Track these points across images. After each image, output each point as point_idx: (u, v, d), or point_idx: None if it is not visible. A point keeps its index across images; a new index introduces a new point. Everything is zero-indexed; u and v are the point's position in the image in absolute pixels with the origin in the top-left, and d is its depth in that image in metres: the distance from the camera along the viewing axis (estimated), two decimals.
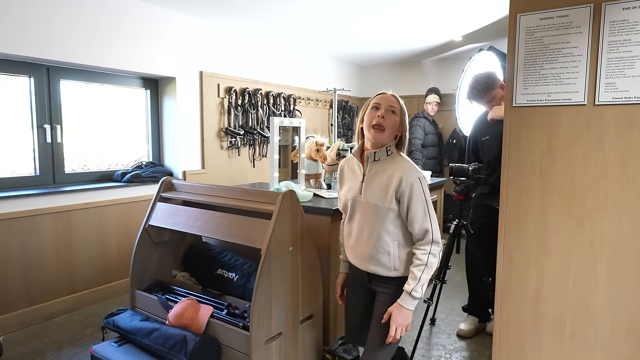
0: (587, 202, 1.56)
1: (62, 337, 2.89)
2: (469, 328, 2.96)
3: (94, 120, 3.67)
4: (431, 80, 6.22)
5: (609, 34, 1.47)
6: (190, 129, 4.09)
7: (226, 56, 4.41)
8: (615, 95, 1.48)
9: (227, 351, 2.10)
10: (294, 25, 4.36)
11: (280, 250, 2.11)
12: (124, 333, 2.27)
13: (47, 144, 3.27)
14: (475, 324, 3.00)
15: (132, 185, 3.64)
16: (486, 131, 2.81)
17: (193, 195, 2.56)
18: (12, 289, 2.98)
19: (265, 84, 4.84)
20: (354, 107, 6.52)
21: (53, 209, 3.15)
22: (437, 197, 3.95)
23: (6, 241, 2.92)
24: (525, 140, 1.65)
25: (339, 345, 2.38)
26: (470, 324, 2.98)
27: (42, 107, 3.22)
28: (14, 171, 3.18)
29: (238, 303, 2.42)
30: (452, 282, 3.93)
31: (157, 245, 2.67)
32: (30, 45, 2.93)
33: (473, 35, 4.76)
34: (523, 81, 1.64)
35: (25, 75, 3.13)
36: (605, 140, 1.51)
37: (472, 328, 2.97)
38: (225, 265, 2.62)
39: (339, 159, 3.21)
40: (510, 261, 1.72)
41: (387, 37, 4.86)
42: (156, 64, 3.74)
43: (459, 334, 2.96)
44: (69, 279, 3.29)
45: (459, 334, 2.96)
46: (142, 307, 2.54)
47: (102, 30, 3.33)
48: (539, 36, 1.60)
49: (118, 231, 3.59)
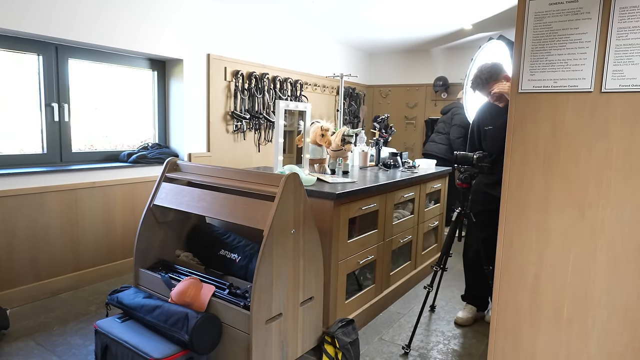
0: (589, 189, 1.55)
1: (67, 313, 2.95)
2: (466, 316, 2.98)
3: (101, 100, 3.69)
4: (439, 69, 6.17)
5: (618, 20, 1.45)
6: (196, 112, 4.10)
7: (234, 39, 4.40)
8: (622, 82, 1.46)
9: (228, 330, 2.13)
10: (303, 10, 4.32)
11: (283, 232, 2.13)
12: (127, 309, 2.31)
13: (55, 123, 3.29)
14: (473, 312, 3.02)
15: (138, 166, 3.67)
16: (489, 121, 2.81)
17: (197, 176, 2.58)
18: (19, 264, 3.03)
19: (272, 69, 4.83)
20: (360, 95, 6.49)
21: (60, 187, 3.18)
22: (441, 185, 3.95)
23: (14, 217, 2.97)
24: (530, 126, 1.64)
25: (338, 328, 2.41)
26: (468, 313, 3.00)
27: (50, 85, 3.24)
28: (22, 149, 3.21)
29: (240, 283, 2.45)
30: (453, 270, 3.95)
31: (162, 225, 2.70)
32: (38, 22, 2.94)
33: (483, 24, 4.70)
34: (530, 67, 1.62)
35: (34, 53, 3.14)
36: (611, 128, 1.50)
37: (470, 317, 2.99)
38: (228, 246, 2.65)
39: (344, 145, 3.22)
40: (510, 247, 1.73)
41: (396, 24, 4.82)
42: (164, 45, 3.74)
43: (456, 322, 2.98)
44: (74, 257, 3.34)
45: (457, 322, 2.98)
46: (145, 285, 2.59)
47: (110, 9, 3.32)
48: (548, 21, 1.58)
49: (123, 211, 3.63)
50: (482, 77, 2.72)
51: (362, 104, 6.57)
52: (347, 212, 2.61)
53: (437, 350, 2.63)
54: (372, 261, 2.96)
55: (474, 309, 3.03)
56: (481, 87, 2.77)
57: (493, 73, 2.70)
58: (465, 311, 3.02)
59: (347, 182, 2.81)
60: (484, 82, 2.73)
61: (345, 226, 2.62)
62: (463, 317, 2.98)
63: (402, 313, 3.11)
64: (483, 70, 2.73)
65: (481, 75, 2.73)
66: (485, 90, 2.76)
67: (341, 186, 2.65)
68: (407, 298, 3.37)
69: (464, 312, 3.01)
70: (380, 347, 2.64)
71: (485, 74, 2.71)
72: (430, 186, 3.70)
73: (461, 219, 2.74)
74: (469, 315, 2.99)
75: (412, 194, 3.38)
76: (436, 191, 3.88)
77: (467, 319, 2.98)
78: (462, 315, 3.00)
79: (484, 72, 2.72)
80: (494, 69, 2.71)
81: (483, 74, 2.72)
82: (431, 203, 3.92)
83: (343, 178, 2.99)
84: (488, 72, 2.71)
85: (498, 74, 2.70)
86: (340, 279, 2.63)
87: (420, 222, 3.62)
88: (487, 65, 2.74)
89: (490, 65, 2.74)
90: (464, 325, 2.96)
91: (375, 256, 2.98)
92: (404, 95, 6.50)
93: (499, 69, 2.72)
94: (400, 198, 3.21)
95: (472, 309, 3.03)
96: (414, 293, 3.47)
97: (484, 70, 2.73)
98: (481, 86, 2.76)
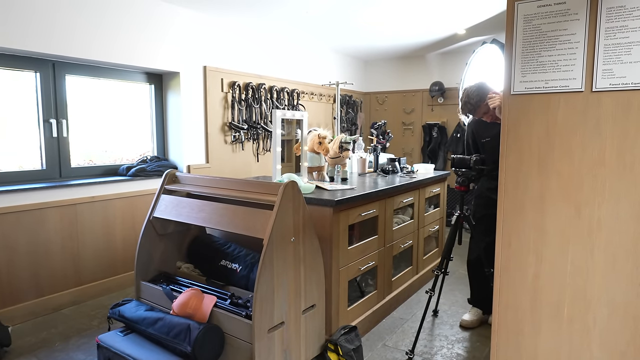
0: (584, 188, 1.56)
1: (70, 328, 2.94)
2: (472, 319, 2.98)
3: (99, 115, 3.72)
4: (435, 74, 6.21)
5: (606, 20, 1.47)
6: (194, 124, 4.12)
7: (230, 51, 4.44)
8: (612, 81, 1.48)
9: (230, 340, 2.13)
10: (297, 19, 4.37)
11: (283, 240, 2.13)
12: (129, 323, 2.31)
13: (53, 139, 3.31)
14: (478, 315, 3.01)
15: (137, 179, 3.68)
16: (484, 133, 2.84)
17: (196, 187, 2.59)
18: (20, 280, 3.03)
19: (269, 79, 4.86)
20: (357, 102, 6.53)
21: (59, 202, 3.20)
22: (440, 190, 3.96)
23: (14, 234, 2.98)
24: (524, 127, 1.66)
25: (341, 335, 2.41)
26: (473, 315, 3.00)
27: (48, 101, 3.26)
28: (21, 166, 3.23)
29: (241, 293, 2.45)
30: (455, 274, 3.94)
31: (162, 237, 2.71)
32: (35, 40, 2.97)
33: (476, 28, 4.75)
34: (521, 69, 1.64)
35: (31, 71, 3.17)
36: (603, 127, 1.51)
37: (475, 319, 2.99)
38: (229, 256, 2.65)
39: (342, 152, 3.23)
40: (509, 248, 1.73)
41: (390, 31, 4.86)
42: (160, 58, 3.77)
43: (461, 325, 2.98)
44: (75, 272, 3.34)
45: (462, 325, 2.98)
46: (147, 297, 2.58)
47: (106, 25, 3.36)
48: (537, 24, 1.60)
49: (123, 224, 3.64)
50: (472, 102, 2.75)
51: (360, 111, 6.60)
52: (347, 218, 2.62)
53: (441, 354, 2.62)
54: (373, 267, 2.96)
55: (480, 311, 3.03)
56: (474, 111, 2.80)
57: (481, 94, 2.72)
58: (471, 314, 3.01)
59: (346, 189, 2.82)
60: (475, 105, 2.75)
61: (345, 233, 2.62)
62: (468, 319, 2.98)
63: (405, 318, 3.10)
64: (470, 94, 2.75)
65: (470, 100, 2.76)
66: (479, 112, 2.79)
67: (340, 193, 2.66)
68: (409, 303, 3.37)
69: (469, 315, 3.01)
70: (384, 353, 2.63)
71: (474, 97, 2.74)
72: (429, 190, 3.71)
73: (460, 221, 2.74)
74: (474, 317, 2.99)
75: (412, 198, 3.39)
76: (435, 195, 3.89)
77: (472, 321, 2.97)
78: (467, 317, 3.00)
79: (472, 96, 2.74)
80: (481, 90, 2.73)
81: (471, 98, 2.75)
82: (431, 207, 3.93)
83: (342, 185, 3.00)
84: (476, 95, 2.73)
85: (486, 93, 2.72)
86: (342, 286, 2.63)
87: (421, 227, 3.62)
88: (473, 89, 2.76)
89: (475, 87, 2.76)
90: (468, 328, 2.95)
91: (376, 262, 2.98)
92: (400, 101, 6.53)
93: (485, 88, 2.74)
94: (399, 203, 3.22)
95: (477, 311, 3.02)
96: (417, 298, 3.46)
97: (472, 94, 2.75)
98: (473, 110, 2.79)
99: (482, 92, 2.72)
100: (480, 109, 2.75)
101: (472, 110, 2.79)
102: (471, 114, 2.85)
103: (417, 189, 3.47)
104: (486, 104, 2.71)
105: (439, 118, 6.19)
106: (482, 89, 2.73)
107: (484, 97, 2.71)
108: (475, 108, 2.76)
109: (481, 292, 3.00)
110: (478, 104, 2.74)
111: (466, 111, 2.84)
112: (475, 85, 2.78)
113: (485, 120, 2.82)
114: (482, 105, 2.73)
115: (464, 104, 2.81)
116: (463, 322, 2.99)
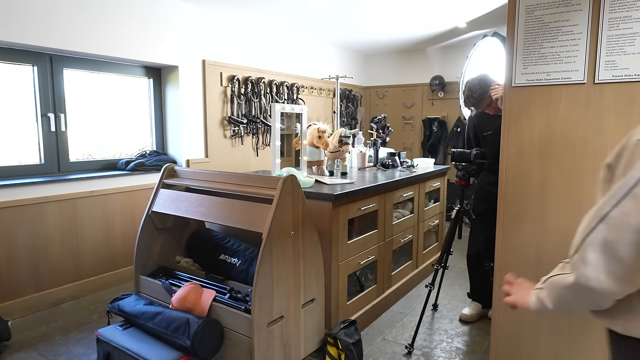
0: (585, 181, 1.55)
1: (69, 322, 2.94)
2: (471, 313, 2.97)
3: (97, 109, 3.69)
4: (435, 68, 6.18)
5: (609, 11, 1.45)
6: (193, 118, 4.10)
7: (229, 45, 4.41)
8: (615, 73, 1.46)
9: (230, 334, 2.13)
10: (297, 13, 4.34)
11: (282, 234, 2.12)
12: (128, 317, 2.31)
13: (52, 133, 3.29)
14: (478, 309, 3.01)
15: (136, 173, 3.67)
16: (486, 126, 2.82)
17: (195, 181, 2.58)
18: (20, 275, 3.02)
19: (268, 73, 4.83)
20: (357, 96, 6.50)
21: (59, 196, 3.18)
22: (441, 184, 3.94)
23: (14, 228, 2.97)
24: (525, 120, 1.64)
25: (340, 329, 2.41)
26: (473, 309, 3.00)
27: (46, 96, 3.24)
28: (20, 160, 3.21)
29: (240, 287, 2.44)
30: (455, 268, 3.94)
31: (161, 231, 2.70)
32: (34, 34, 2.95)
33: (477, 21, 4.71)
34: (523, 61, 1.62)
35: (28, 64, 3.14)
36: (605, 119, 1.50)
37: (475, 313, 2.98)
38: (228, 250, 2.64)
39: (341, 146, 3.22)
40: (509, 242, 1.72)
41: (390, 24, 4.83)
42: (159, 52, 3.75)
43: (461, 319, 2.98)
44: (75, 266, 3.34)
45: (461, 319, 2.97)
46: (146, 292, 2.58)
47: (105, 18, 3.33)
48: (539, 14, 1.58)
49: (123, 219, 3.63)
50: (475, 95, 2.73)
51: (359, 106, 6.57)
52: (346, 212, 2.60)
53: (441, 348, 2.62)
54: (373, 261, 2.95)
55: (479, 305, 3.02)
56: (477, 104, 2.78)
57: (484, 87, 2.70)
58: (470, 308, 3.01)
59: (346, 183, 2.80)
60: (478, 98, 2.74)
61: (345, 227, 2.61)
62: (468, 313, 2.98)
63: (404, 312, 3.10)
64: (473, 87, 2.73)
65: (472, 93, 2.73)
66: (482, 105, 2.77)
67: (339, 187, 2.65)
68: (409, 297, 3.36)
69: (469, 309, 3.00)
70: (384, 347, 2.63)
71: (477, 90, 2.71)
72: (429, 185, 3.70)
73: (460, 216, 2.73)
74: (474, 312, 2.98)
75: (411, 193, 3.37)
76: (435, 190, 3.87)
77: (472, 315, 2.97)
78: (467, 311, 2.99)
79: (475, 89, 2.72)
80: (483, 82, 2.71)
81: (474, 91, 2.73)
82: (431, 202, 3.92)
83: (341, 179, 2.99)
84: (479, 88, 2.71)
85: (488, 86, 2.70)
86: (342, 280, 2.62)
87: (420, 221, 3.61)
88: (475, 82, 2.74)
89: (477, 80, 2.74)
90: (468, 322, 2.95)
91: (376, 256, 2.97)
92: (400, 95, 6.50)
93: (487, 80, 2.72)
94: (399, 197, 3.20)
95: (477, 305, 3.02)
96: (416, 292, 3.45)
97: (474, 88, 2.73)
98: (477, 104, 2.77)
99: (485, 84, 2.70)
100: (483, 101, 2.73)
101: (475, 103, 2.77)
102: (474, 107, 2.83)
103: (417, 184, 3.46)
104: (489, 96, 2.69)
105: (439, 112, 6.16)
106: (485, 81, 2.71)
107: (486, 89, 2.69)
108: (478, 101, 2.74)
109: (481, 286, 3.00)
110: (481, 96, 2.72)
111: (469, 104, 2.82)
112: (478, 77, 2.76)
113: (489, 112, 2.80)
114: (485, 98, 2.71)
115: (466, 97, 2.79)
116: (463, 316, 2.98)
